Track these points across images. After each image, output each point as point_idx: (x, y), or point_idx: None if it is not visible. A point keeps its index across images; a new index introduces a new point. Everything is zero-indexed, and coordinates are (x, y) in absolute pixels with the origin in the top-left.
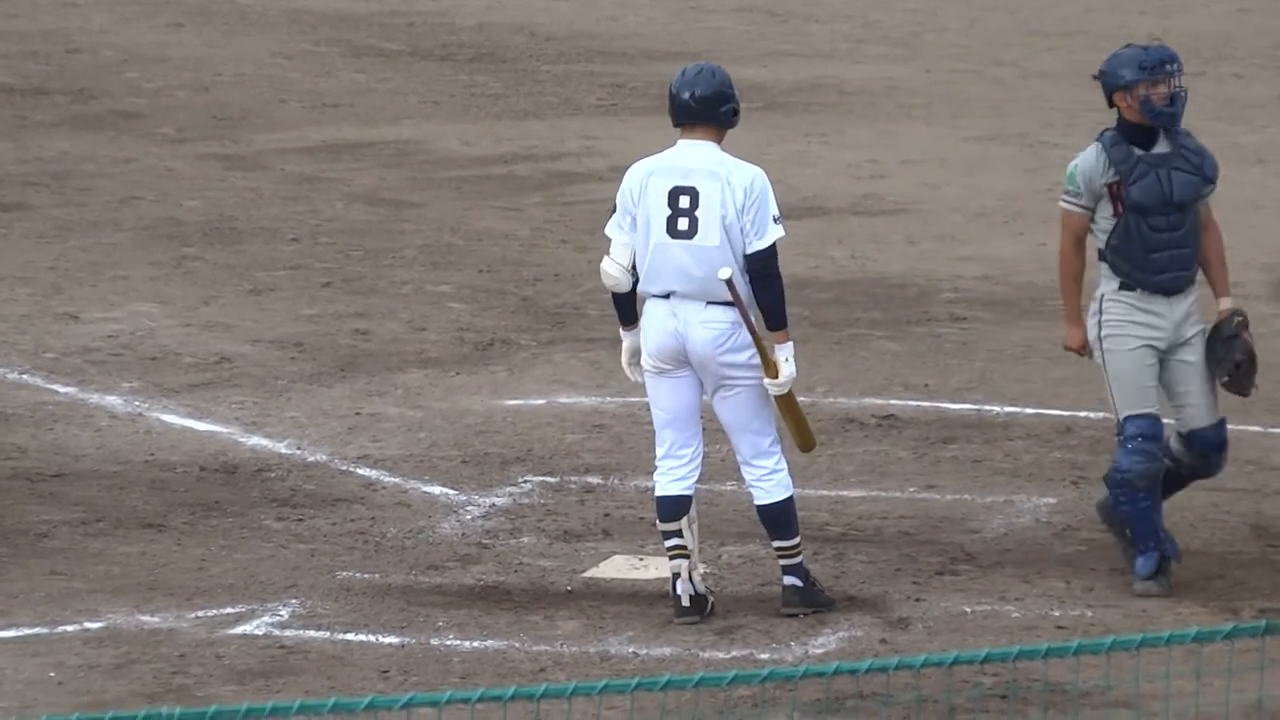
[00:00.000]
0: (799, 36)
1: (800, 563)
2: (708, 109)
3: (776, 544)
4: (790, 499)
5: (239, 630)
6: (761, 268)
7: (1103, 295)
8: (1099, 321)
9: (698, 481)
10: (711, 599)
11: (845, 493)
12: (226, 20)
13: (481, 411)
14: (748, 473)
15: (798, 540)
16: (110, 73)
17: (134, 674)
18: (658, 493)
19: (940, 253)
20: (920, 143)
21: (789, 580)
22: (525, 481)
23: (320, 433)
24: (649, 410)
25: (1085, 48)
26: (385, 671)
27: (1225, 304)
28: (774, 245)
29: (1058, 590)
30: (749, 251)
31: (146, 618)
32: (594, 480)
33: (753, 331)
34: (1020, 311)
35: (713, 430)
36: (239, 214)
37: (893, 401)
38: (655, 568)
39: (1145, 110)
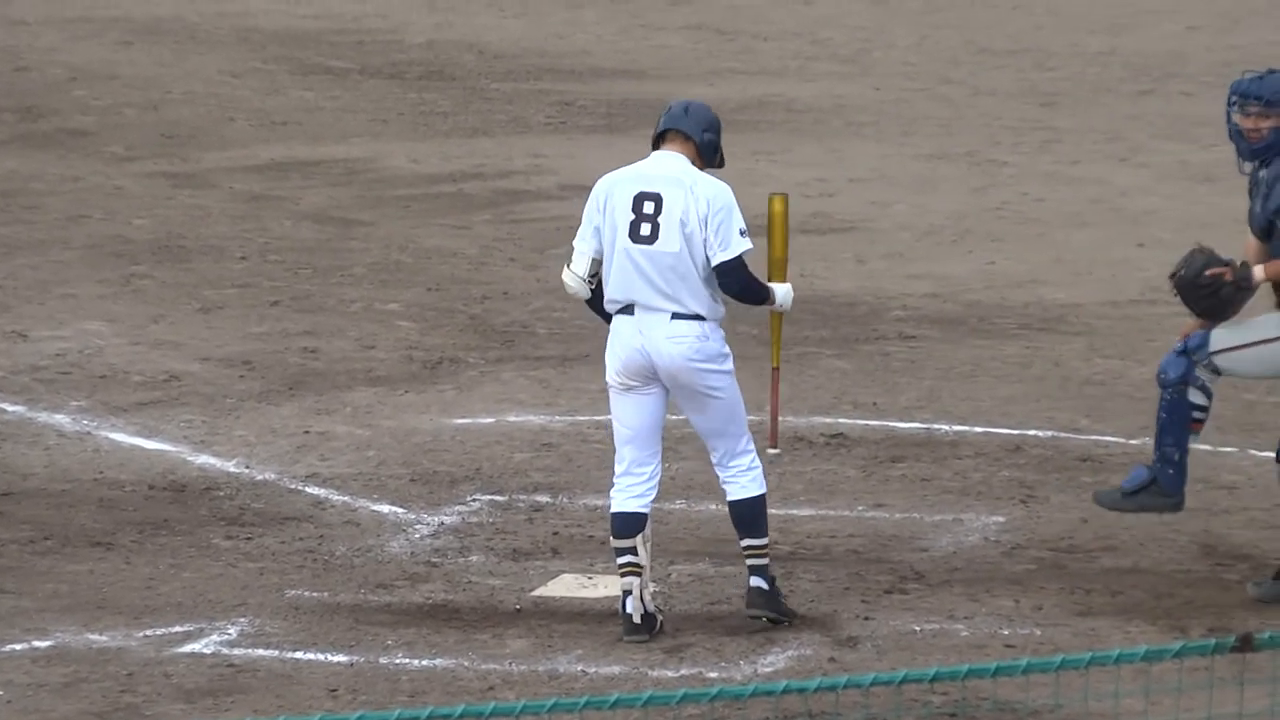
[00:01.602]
0: (747, 54)
1: (768, 565)
2: (692, 123)
3: (746, 542)
4: (763, 497)
5: (187, 649)
6: (729, 280)
7: None
8: None
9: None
10: (660, 617)
11: (794, 511)
12: (175, 38)
13: (430, 430)
14: (722, 471)
15: (767, 541)
16: (59, 91)
17: (82, 693)
18: (614, 509)
19: (889, 271)
20: (869, 161)
21: (755, 581)
22: (474, 500)
23: (269, 451)
24: (597, 429)
25: (1034, 66)
26: (334, 690)
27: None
28: (740, 257)
29: (1006, 609)
30: (715, 263)
31: (95, 636)
32: (542, 499)
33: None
34: (969, 330)
35: (665, 447)
36: (187, 232)
37: (841, 420)
38: (604, 586)
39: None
